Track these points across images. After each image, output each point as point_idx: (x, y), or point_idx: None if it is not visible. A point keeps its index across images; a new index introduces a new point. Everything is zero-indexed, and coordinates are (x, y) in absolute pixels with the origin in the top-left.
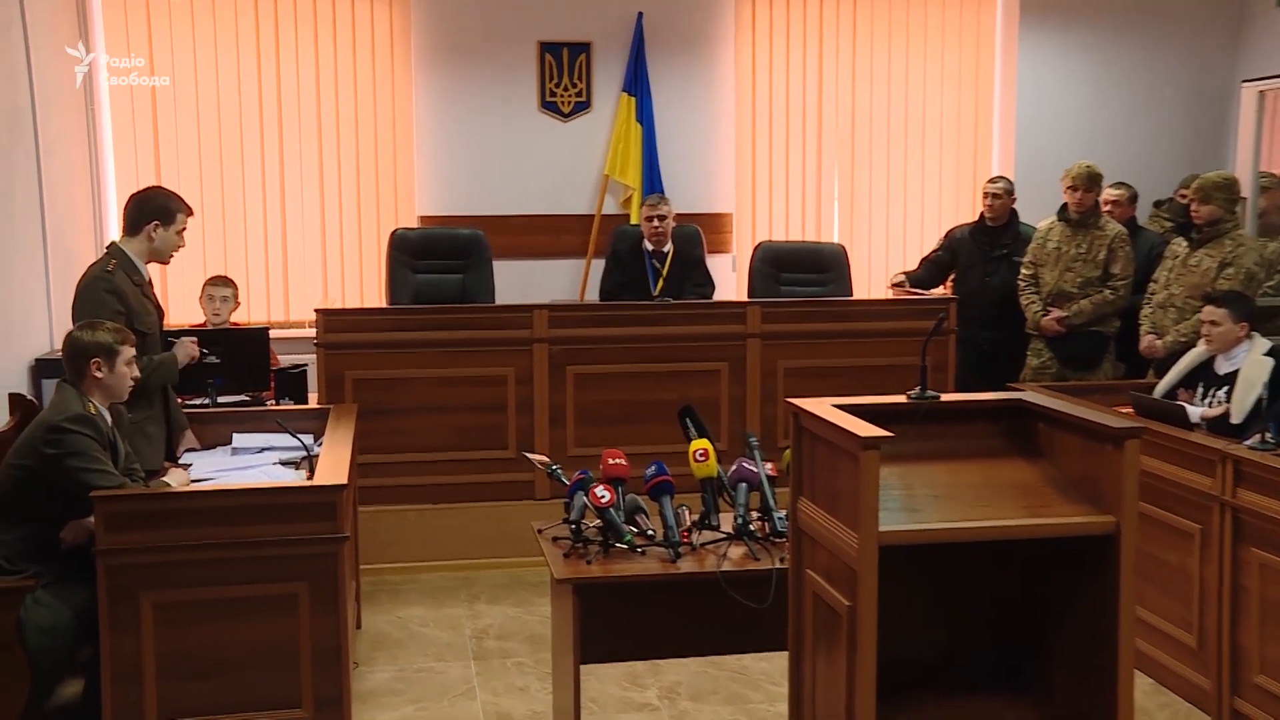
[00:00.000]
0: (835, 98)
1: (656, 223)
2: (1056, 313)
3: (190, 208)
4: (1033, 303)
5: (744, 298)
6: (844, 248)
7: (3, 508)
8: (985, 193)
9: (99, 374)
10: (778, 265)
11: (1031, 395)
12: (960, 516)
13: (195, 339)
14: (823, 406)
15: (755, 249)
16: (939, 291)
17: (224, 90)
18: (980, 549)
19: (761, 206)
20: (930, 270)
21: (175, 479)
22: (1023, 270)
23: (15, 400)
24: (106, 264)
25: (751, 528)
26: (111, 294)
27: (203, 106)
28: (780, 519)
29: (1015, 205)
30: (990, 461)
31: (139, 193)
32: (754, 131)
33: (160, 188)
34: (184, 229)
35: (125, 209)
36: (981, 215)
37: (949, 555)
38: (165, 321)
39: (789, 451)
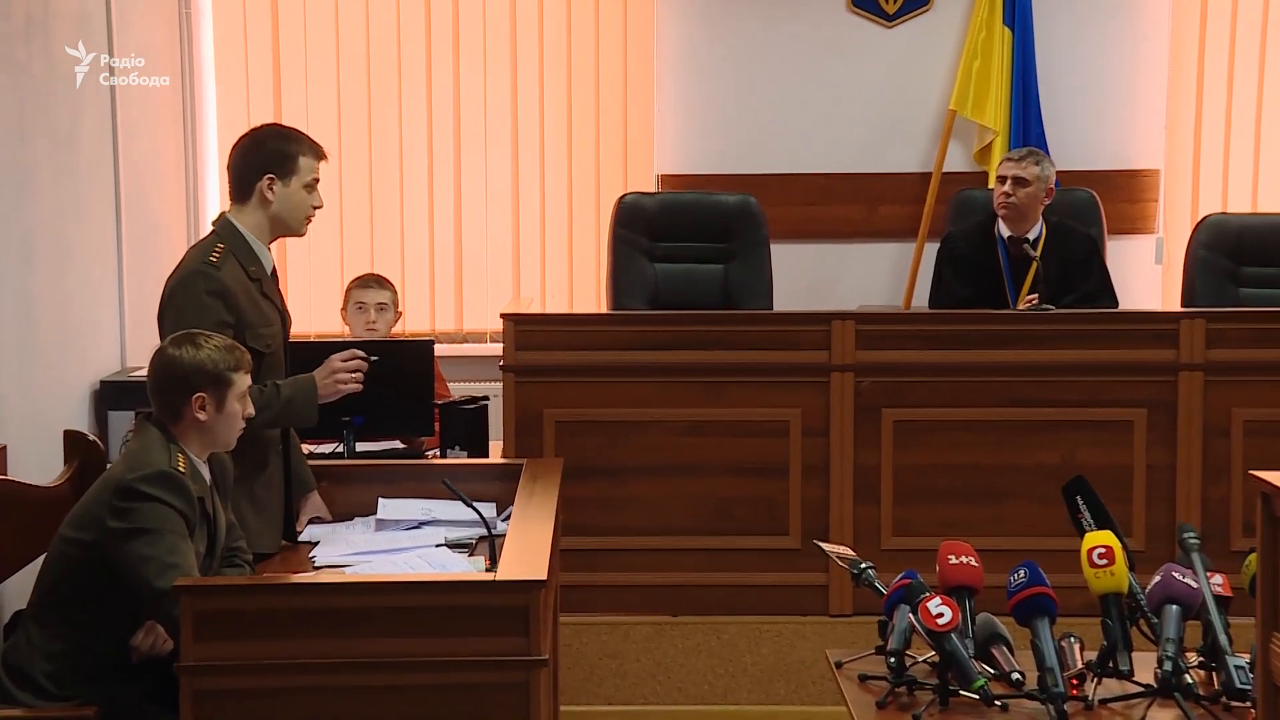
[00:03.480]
0: None
1: (1010, 188)
2: None
3: (323, 150)
4: None
5: (1176, 305)
6: None
7: (50, 603)
8: None
9: (201, 414)
10: (1236, 253)
11: None
12: None
13: (359, 355)
14: None
15: (1197, 226)
16: None
17: (375, 6)
18: None
19: (1210, 160)
20: None
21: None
22: None
23: (73, 441)
24: (209, 251)
25: (1188, 678)
26: (215, 296)
27: (344, 33)
28: (1239, 667)
29: None
30: None
31: (245, 137)
32: (1202, 42)
33: (275, 125)
34: (315, 180)
35: (229, 164)
36: None
37: None
38: (290, 332)
39: (1254, 558)
